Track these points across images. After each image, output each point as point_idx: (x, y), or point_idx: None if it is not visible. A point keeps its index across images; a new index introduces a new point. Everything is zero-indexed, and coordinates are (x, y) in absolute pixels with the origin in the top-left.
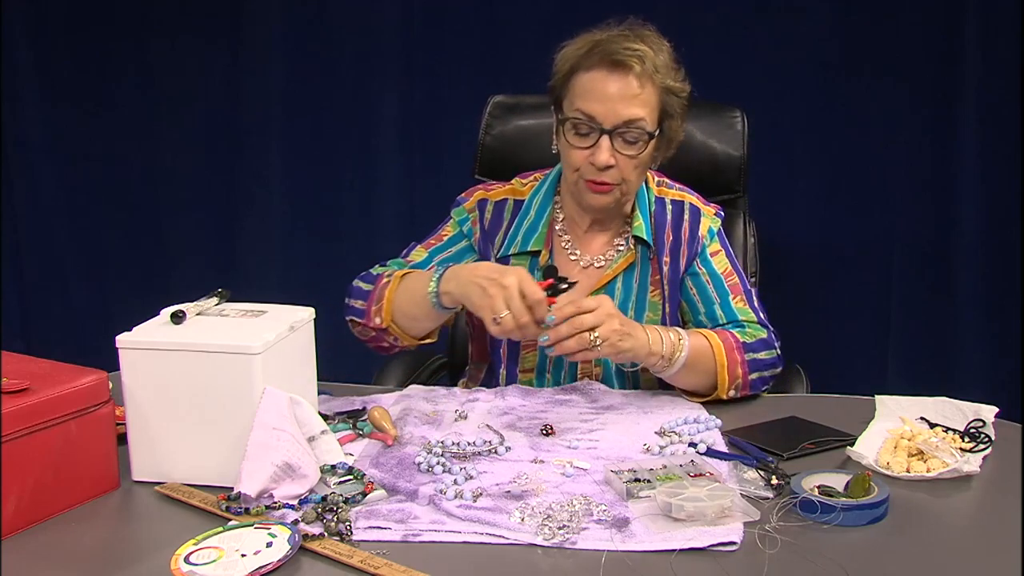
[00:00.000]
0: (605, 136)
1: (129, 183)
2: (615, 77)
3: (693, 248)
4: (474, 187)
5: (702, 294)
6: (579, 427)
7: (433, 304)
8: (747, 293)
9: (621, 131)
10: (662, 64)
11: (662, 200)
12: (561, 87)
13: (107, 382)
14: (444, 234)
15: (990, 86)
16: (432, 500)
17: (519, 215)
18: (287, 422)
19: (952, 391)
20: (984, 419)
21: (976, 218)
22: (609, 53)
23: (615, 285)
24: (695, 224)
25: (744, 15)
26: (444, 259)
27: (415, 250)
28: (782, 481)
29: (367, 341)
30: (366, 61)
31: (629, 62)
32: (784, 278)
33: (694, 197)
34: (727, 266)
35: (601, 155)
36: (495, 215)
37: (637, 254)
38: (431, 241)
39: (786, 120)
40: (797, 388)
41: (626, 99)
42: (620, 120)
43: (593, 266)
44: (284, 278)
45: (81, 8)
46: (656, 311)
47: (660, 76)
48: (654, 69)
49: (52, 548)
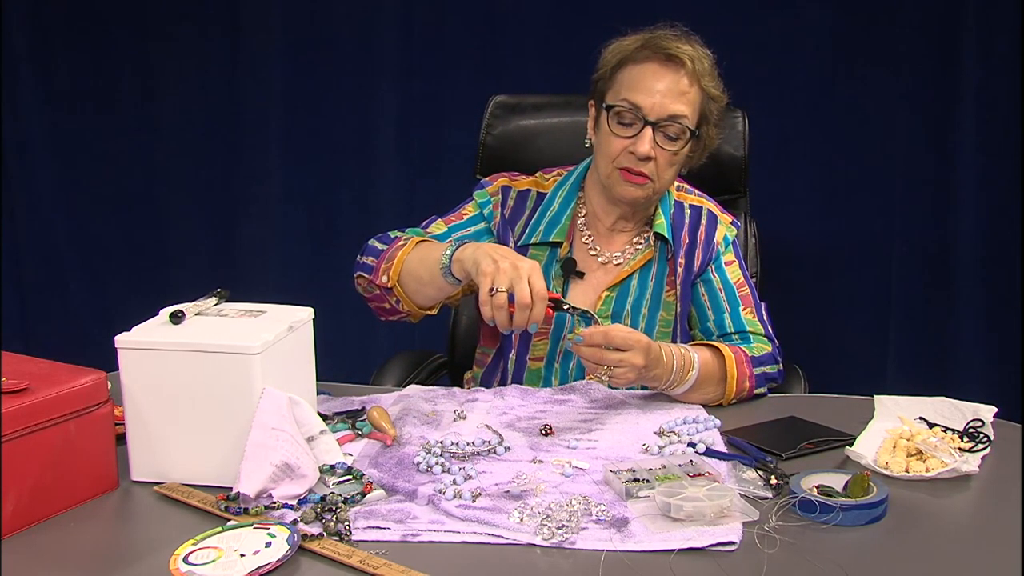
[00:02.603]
0: (648, 128)
1: (129, 183)
2: (665, 71)
3: (708, 253)
4: (497, 174)
5: (713, 301)
6: (578, 427)
7: (443, 270)
8: (757, 306)
9: (664, 125)
10: (707, 69)
11: (681, 204)
12: (608, 78)
13: (106, 382)
14: (465, 213)
15: (990, 86)
16: (431, 500)
17: (542, 206)
18: (286, 422)
19: (951, 391)
20: (983, 419)
21: (975, 218)
22: (663, 48)
23: (631, 282)
24: (712, 230)
25: (746, 15)
26: (461, 236)
27: (435, 223)
28: (781, 481)
29: (369, 299)
30: (366, 61)
31: (682, 58)
32: (784, 278)
33: (712, 204)
34: (740, 277)
35: (643, 145)
36: (518, 203)
37: (656, 251)
38: (451, 218)
39: (787, 120)
40: (795, 388)
41: (674, 94)
42: (666, 113)
43: (612, 263)
44: (283, 278)
45: (81, 8)
46: (670, 311)
47: (705, 80)
48: (702, 71)
49: (51, 548)
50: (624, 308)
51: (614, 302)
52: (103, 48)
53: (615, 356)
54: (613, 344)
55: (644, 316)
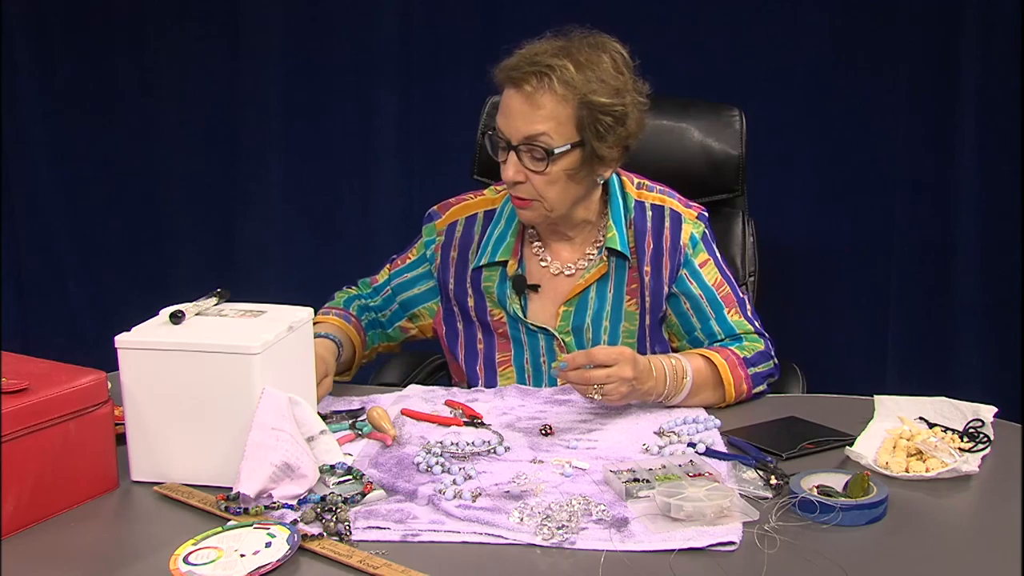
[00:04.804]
0: (512, 152)
1: (129, 183)
2: (516, 93)
3: (676, 259)
4: (447, 202)
5: (696, 311)
6: (578, 427)
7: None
8: (740, 303)
9: (525, 147)
10: (581, 79)
11: (642, 204)
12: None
13: (106, 382)
14: (410, 256)
15: (990, 86)
16: (431, 500)
17: (491, 225)
18: (286, 422)
19: (951, 391)
20: (983, 419)
21: (975, 218)
22: (511, 69)
23: (588, 295)
24: (676, 232)
25: (743, 14)
26: (401, 283)
27: (383, 268)
28: (781, 481)
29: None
30: (366, 61)
31: (527, 79)
32: (783, 277)
33: (674, 200)
34: (717, 276)
35: (507, 171)
36: (465, 232)
37: (611, 265)
38: (397, 261)
39: (785, 119)
40: (794, 388)
41: (525, 115)
42: (520, 136)
43: (564, 274)
44: (283, 278)
45: (81, 8)
46: (633, 321)
47: (575, 91)
48: (565, 83)
49: (51, 548)
50: (584, 322)
51: (573, 317)
52: (103, 47)
53: (602, 373)
54: (597, 361)
55: (606, 329)
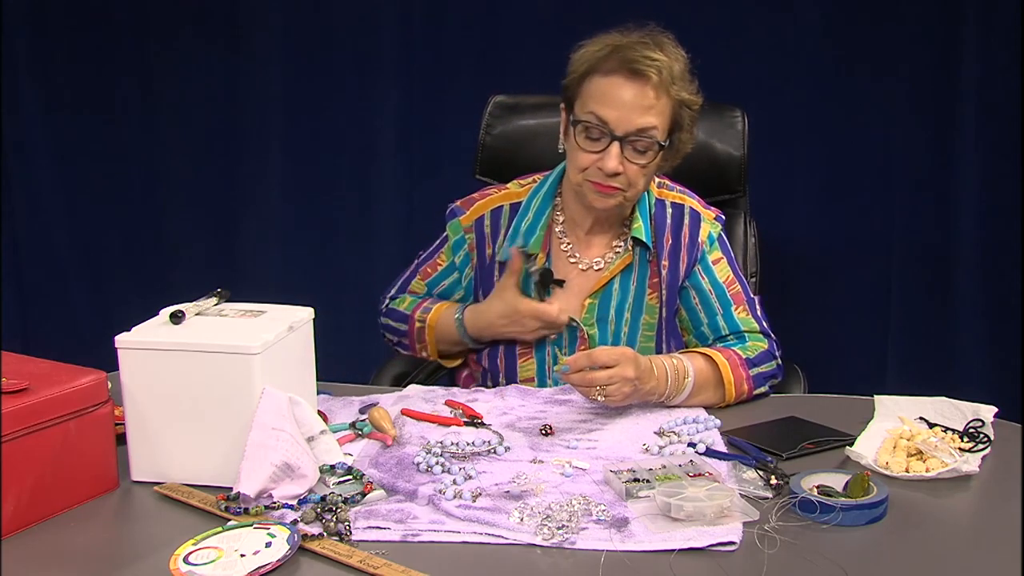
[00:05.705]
0: (616, 143)
1: (129, 183)
2: (632, 85)
3: (693, 254)
4: (470, 197)
5: (705, 305)
6: (578, 427)
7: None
8: (750, 302)
9: (632, 139)
10: (679, 75)
11: (662, 202)
12: (575, 87)
13: (106, 382)
14: (440, 263)
15: (990, 86)
16: (431, 500)
17: (517, 217)
18: (286, 422)
19: (951, 391)
20: (983, 419)
21: (975, 218)
22: (628, 60)
23: (612, 287)
24: (695, 229)
25: (744, 14)
26: (441, 292)
27: (415, 280)
28: (781, 481)
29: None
30: (366, 61)
31: (648, 72)
32: (783, 277)
33: (694, 200)
34: (729, 274)
35: (610, 162)
36: (493, 225)
37: (635, 256)
38: (427, 270)
39: (786, 120)
40: (795, 388)
41: (641, 108)
42: (633, 128)
43: (592, 269)
44: (283, 278)
45: (81, 9)
46: (653, 314)
47: (676, 88)
48: (671, 80)
49: (51, 548)
50: (608, 314)
51: (597, 308)
52: (103, 48)
53: (604, 374)
54: (599, 362)
55: (627, 320)
